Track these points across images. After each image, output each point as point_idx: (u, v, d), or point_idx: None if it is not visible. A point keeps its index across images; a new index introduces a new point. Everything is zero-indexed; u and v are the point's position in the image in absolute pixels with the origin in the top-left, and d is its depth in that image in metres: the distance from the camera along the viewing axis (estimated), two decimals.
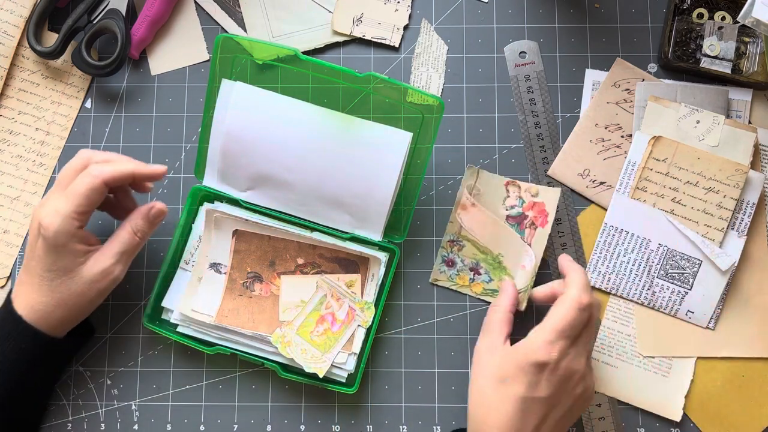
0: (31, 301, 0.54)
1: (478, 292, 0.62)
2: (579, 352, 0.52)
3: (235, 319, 0.60)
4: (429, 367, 0.62)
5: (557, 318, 0.51)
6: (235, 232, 0.61)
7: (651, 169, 0.61)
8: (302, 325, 0.59)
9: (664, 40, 0.63)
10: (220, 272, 0.61)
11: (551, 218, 0.62)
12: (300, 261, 0.61)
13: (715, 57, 0.63)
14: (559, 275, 0.62)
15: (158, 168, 0.56)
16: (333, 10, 0.66)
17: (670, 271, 0.61)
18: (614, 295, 0.62)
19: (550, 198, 0.62)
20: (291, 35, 0.66)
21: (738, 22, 0.60)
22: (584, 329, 0.52)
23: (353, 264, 0.61)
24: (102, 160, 0.55)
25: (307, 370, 0.57)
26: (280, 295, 0.61)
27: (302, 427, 0.61)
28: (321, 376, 0.57)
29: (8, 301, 0.55)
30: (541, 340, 0.51)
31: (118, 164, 0.55)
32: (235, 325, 0.59)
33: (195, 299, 0.60)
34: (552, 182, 0.63)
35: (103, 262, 0.55)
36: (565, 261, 0.57)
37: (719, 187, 0.61)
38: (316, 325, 0.60)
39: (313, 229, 0.60)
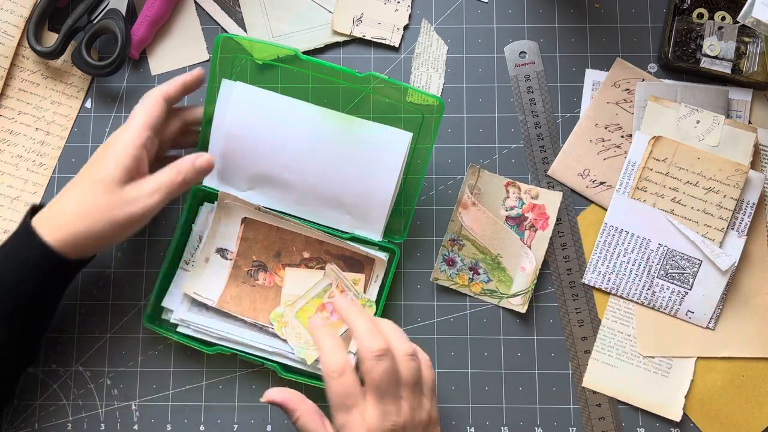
0: (57, 220, 0.53)
1: (476, 291, 0.62)
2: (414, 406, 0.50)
3: (237, 306, 0.60)
4: None
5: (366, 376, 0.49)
6: (244, 220, 0.62)
7: (651, 169, 0.61)
8: (303, 308, 0.60)
9: (664, 40, 0.63)
10: (225, 258, 0.61)
11: (552, 221, 0.62)
12: (306, 255, 0.62)
13: (715, 57, 0.63)
14: (560, 277, 0.62)
15: (197, 72, 0.59)
16: (333, 10, 0.66)
17: (670, 271, 0.61)
18: (614, 295, 0.62)
19: (550, 201, 0.62)
20: (291, 35, 0.66)
21: (738, 22, 0.60)
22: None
23: (358, 263, 0.61)
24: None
25: (296, 354, 0.57)
26: (283, 287, 0.61)
27: None
28: (309, 363, 0.57)
29: (30, 229, 0.53)
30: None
31: (167, 83, 0.58)
32: (236, 311, 0.59)
33: (199, 282, 0.60)
34: (552, 182, 0.63)
35: (143, 187, 0.54)
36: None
37: (719, 187, 0.61)
38: (316, 312, 0.60)
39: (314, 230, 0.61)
